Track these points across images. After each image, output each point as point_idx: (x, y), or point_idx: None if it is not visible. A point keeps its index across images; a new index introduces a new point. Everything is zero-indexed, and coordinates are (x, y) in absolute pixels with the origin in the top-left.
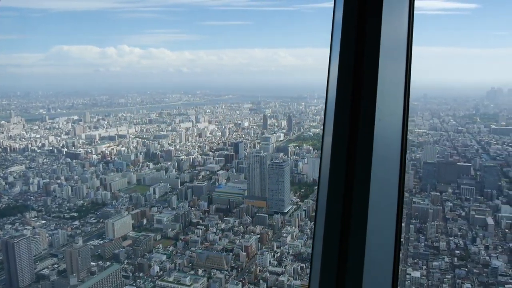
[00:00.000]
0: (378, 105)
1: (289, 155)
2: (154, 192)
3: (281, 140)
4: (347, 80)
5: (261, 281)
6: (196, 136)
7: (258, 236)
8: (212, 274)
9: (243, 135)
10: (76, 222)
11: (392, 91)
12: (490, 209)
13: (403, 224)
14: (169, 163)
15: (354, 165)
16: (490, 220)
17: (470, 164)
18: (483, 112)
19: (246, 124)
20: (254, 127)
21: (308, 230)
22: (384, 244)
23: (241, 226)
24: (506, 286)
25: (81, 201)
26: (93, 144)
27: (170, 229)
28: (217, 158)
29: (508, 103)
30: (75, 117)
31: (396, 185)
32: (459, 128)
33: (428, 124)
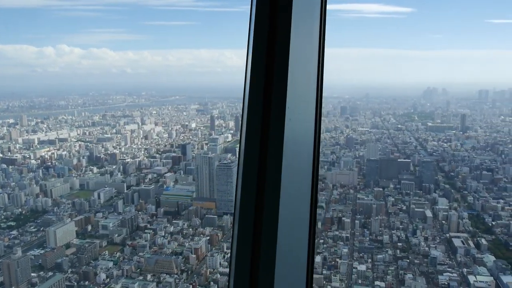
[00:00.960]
0: (289, 105)
1: (237, 156)
2: (99, 197)
3: (229, 141)
4: (259, 79)
5: (211, 282)
6: (142, 138)
7: (208, 238)
8: (162, 278)
9: (191, 137)
10: (14, 232)
11: (303, 90)
12: (428, 202)
13: (348, 220)
14: (114, 167)
15: (265, 165)
16: (428, 213)
17: (409, 160)
18: (420, 110)
19: (193, 125)
20: (202, 128)
21: None
22: (296, 245)
23: (190, 229)
24: (444, 274)
25: (19, 209)
26: (32, 148)
27: (116, 235)
28: (164, 160)
29: (442, 102)
30: (11, 121)
31: (309, 183)
32: (399, 126)
33: (370, 123)
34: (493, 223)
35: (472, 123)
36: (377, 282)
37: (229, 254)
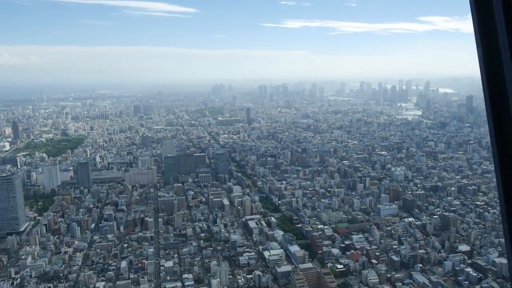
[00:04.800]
0: None
1: (19, 166)
2: None
3: (6, 150)
4: None
5: None
6: None
7: None
8: None
9: None
10: None
11: None
12: (225, 191)
13: (151, 219)
14: None
15: None
16: (225, 201)
17: (204, 154)
18: (211, 106)
19: None
20: None
21: (52, 245)
22: None
23: None
24: (244, 255)
25: None
26: None
27: None
28: None
29: (229, 97)
30: None
31: None
32: (192, 122)
33: (165, 120)
34: (279, 202)
35: (256, 115)
36: (185, 275)
37: (18, 279)
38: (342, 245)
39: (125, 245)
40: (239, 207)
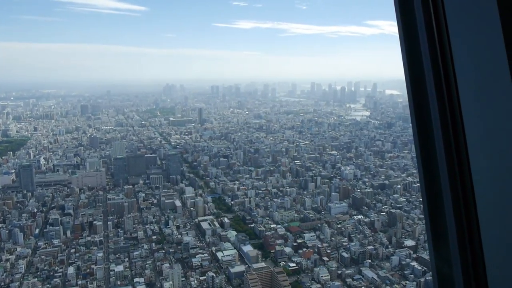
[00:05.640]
0: None
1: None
2: None
3: None
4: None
5: None
6: None
7: None
8: None
9: None
10: None
11: None
12: (177, 193)
13: (100, 223)
14: None
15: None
16: (178, 203)
17: (156, 155)
18: (162, 106)
19: None
20: None
21: None
22: None
23: None
24: (197, 256)
25: None
26: None
27: None
28: None
29: (181, 97)
30: None
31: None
32: (143, 122)
33: (114, 121)
34: (232, 202)
35: (208, 116)
36: (136, 279)
37: None
38: (295, 244)
39: (72, 250)
40: (191, 208)
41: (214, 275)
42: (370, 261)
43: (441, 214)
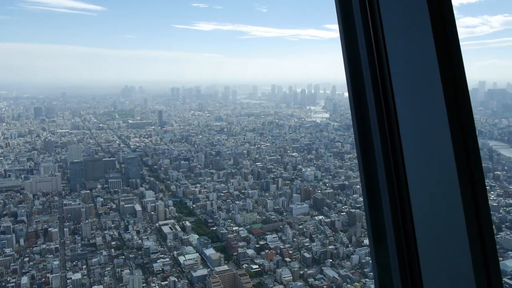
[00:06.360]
0: None
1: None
2: None
3: None
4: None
5: None
6: None
7: None
8: None
9: None
10: None
11: None
12: (137, 197)
13: (56, 230)
14: None
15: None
16: (138, 207)
17: (114, 158)
18: (120, 108)
19: None
20: None
21: None
22: None
23: None
24: (158, 261)
25: None
26: None
27: None
28: None
29: (140, 99)
30: None
31: None
32: (101, 125)
33: (70, 124)
34: (194, 205)
35: (168, 118)
36: (95, 287)
37: None
38: (257, 246)
39: (26, 259)
40: (152, 213)
41: (176, 280)
42: (331, 260)
43: (381, 218)
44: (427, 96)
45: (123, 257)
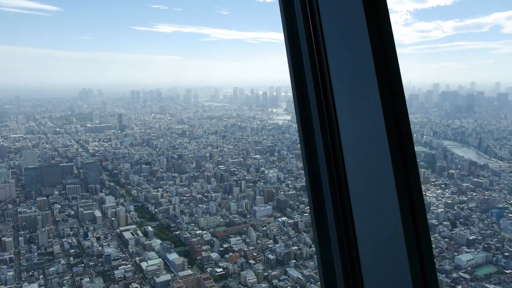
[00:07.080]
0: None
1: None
2: None
3: None
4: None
5: None
6: None
7: None
8: None
9: None
10: None
11: None
12: (97, 203)
13: (10, 239)
14: None
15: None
16: (98, 213)
17: (72, 164)
18: (78, 112)
19: None
20: None
21: None
22: None
23: None
24: (119, 268)
25: None
26: None
27: None
28: None
29: (99, 102)
30: None
31: None
32: (57, 129)
33: (24, 128)
34: (156, 210)
35: (129, 122)
36: None
37: None
38: (221, 249)
39: None
40: (112, 218)
41: (139, 287)
42: (295, 261)
43: (325, 218)
44: (364, 97)
45: (83, 265)
